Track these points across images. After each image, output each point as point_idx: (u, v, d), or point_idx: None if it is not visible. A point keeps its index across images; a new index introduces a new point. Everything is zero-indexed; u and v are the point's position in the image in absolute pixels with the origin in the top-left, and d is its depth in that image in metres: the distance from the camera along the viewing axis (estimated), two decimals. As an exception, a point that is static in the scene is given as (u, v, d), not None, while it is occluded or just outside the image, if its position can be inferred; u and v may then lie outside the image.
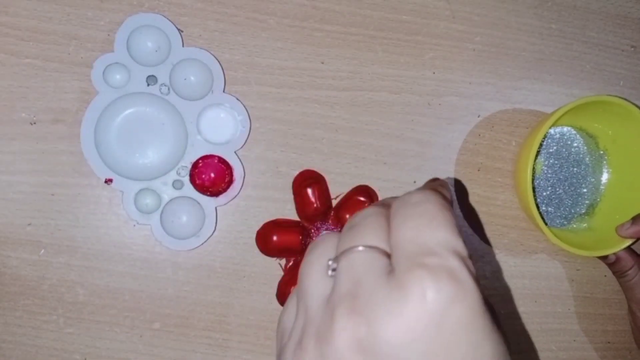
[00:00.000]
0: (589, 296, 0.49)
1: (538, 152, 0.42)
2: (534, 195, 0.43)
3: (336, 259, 0.20)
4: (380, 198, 0.45)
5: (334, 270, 0.19)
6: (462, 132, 0.47)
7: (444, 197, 0.20)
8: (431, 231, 0.18)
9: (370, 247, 0.19)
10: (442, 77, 0.46)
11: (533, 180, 0.43)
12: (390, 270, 0.18)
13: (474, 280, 0.17)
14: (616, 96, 0.42)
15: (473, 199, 0.47)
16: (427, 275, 0.17)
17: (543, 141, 0.46)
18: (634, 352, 0.49)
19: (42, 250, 0.42)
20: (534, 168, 0.41)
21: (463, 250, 0.18)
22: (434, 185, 0.23)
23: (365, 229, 0.20)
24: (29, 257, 0.42)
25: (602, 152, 0.47)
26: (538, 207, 0.42)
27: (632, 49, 0.49)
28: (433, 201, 0.20)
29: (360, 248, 0.19)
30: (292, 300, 0.22)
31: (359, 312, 0.17)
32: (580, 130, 0.47)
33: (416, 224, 0.19)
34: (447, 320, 0.17)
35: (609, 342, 0.49)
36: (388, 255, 0.19)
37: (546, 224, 0.42)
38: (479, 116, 0.47)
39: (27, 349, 0.42)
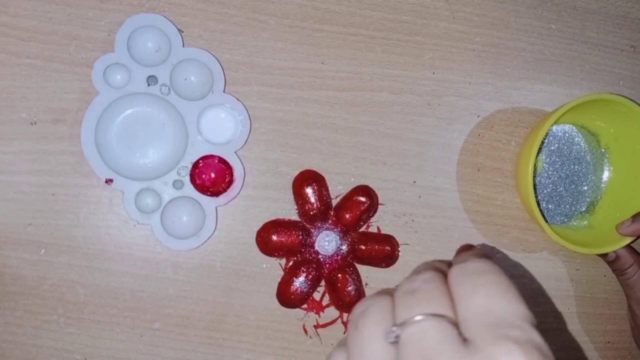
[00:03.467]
0: (589, 296, 0.49)
1: (539, 150, 0.43)
2: (535, 193, 0.43)
3: (401, 325, 0.19)
4: (380, 198, 0.45)
5: (396, 337, 0.18)
6: (462, 132, 0.47)
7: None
8: (507, 303, 0.18)
9: (439, 315, 0.18)
10: (442, 77, 0.47)
11: (534, 177, 0.43)
12: (464, 341, 0.18)
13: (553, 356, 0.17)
14: (619, 94, 0.42)
15: (473, 199, 0.47)
16: (516, 347, 0.16)
17: (545, 139, 0.46)
18: (634, 352, 0.49)
19: (43, 250, 0.42)
20: (535, 165, 0.41)
21: (536, 324, 0.18)
22: (479, 252, 0.22)
23: (430, 295, 0.19)
24: (30, 257, 0.42)
25: (603, 150, 0.47)
26: (539, 205, 0.42)
27: (632, 49, 0.49)
28: (498, 271, 0.19)
29: (427, 316, 0.18)
30: None
31: None
32: (581, 128, 0.48)
33: (489, 294, 0.18)
34: None
35: (609, 342, 0.49)
36: (456, 325, 0.18)
37: (547, 221, 0.42)
38: (478, 116, 0.47)
39: (28, 348, 0.42)
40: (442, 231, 0.46)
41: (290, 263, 0.44)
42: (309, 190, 0.43)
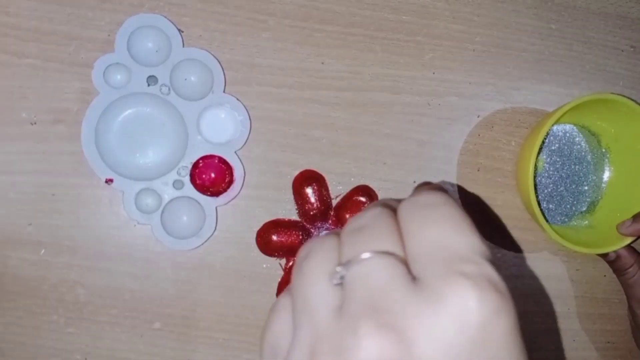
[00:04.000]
0: (589, 296, 0.49)
1: (540, 150, 0.43)
2: (535, 192, 0.43)
3: (346, 265, 0.17)
4: (380, 198, 0.45)
5: (341, 278, 0.17)
6: (462, 132, 0.47)
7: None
8: (460, 236, 0.17)
9: (386, 252, 0.17)
10: (442, 77, 0.47)
11: (535, 177, 0.43)
12: (413, 279, 0.16)
13: (509, 291, 0.16)
14: (620, 94, 0.42)
15: (472, 199, 0.47)
16: (469, 284, 0.15)
17: (545, 138, 0.46)
18: (634, 352, 0.49)
19: (43, 250, 0.42)
20: (535, 165, 0.41)
21: (492, 258, 0.17)
22: (435, 186, 0.21)
23: (377, 231, 0.18)
24: (30, 257, 0.42)
25: (604, 150, 0.47)
26: (539, 204, 0.42)
27: (632, 49, 0.49)
28: (451, 203, 0.18)
29: (373, 254, 0.17)
30: (282, 311, 0.19)
31: (388, 326, 0.15)
32: (582, 128, 0.47)
33: (440, 228, 0.17)
34: (492, 334, 0.15)
35: (609, 342, 0.49)
36: (405, 262, 0.17)
37: (547, 221, 0.42)
38: (478, 116, 0.47)
39: (28, 348, 0.42)
40: (442, 231, 0.46)
41: (290, 263, 0.44)
42: (309, 190, 0.43)
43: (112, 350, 0.43)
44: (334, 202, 0.45)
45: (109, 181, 0.42)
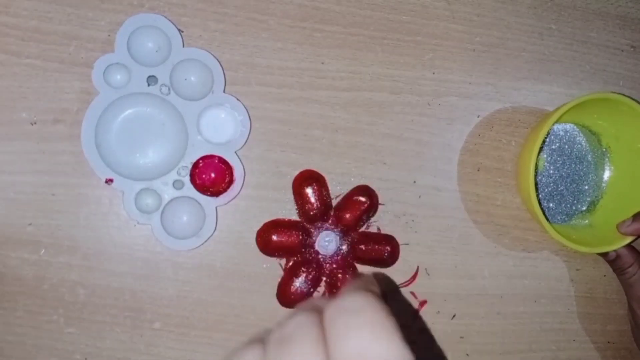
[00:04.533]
0: (589, 296, 0.49)
1: (540, 149, 0.43)
2: (536, 192, 0.43)
3: None
4: (380, 198, 0.45)
5: None
6: (462, 132, 0.47)
7: (379, 299, 0.19)
8: (379, 343, 0.17)
9: None
10: (442, 77, 0.47)
11: (535, 176, 0.43)
12: None
13: None
14: (620, 94, 0.42)
15: (473, 199, 0.47)
16: None
17: (546, 137, 0.46)
18: (634, 352, 0.49)
19: (43, 250, 0.42)
20: (536, 164, 0.41)
21: None
22: (362, 285, 0.21)
23: (300, 343, 0.18)
24: (30, 257, 0.42)
25: (604, 149, 0.47)
26: (540, 203, 0.42)
27: (632, 49, 0.49)
28: (373, 307, 0.18)
29: None
30: None
31: None
32: (583, 127, 0.48)
33: (361, 335, 0.17)
34: None
35: (609, 342, 0.49)
36: None
37: (547, 220, 0.42)
38: (478, 116, 0.47)
39: (28, 348, 0.42)
40: (442, 231, 0.46)
41: (290, 263, 0.44)
42: (309, 190, 0.43)
43: (112, 350, 0.43)
44: (334, 202, 0.45)
45: (109, 181, 0.42)
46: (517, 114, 0.48)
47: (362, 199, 0.44)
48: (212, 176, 0.43)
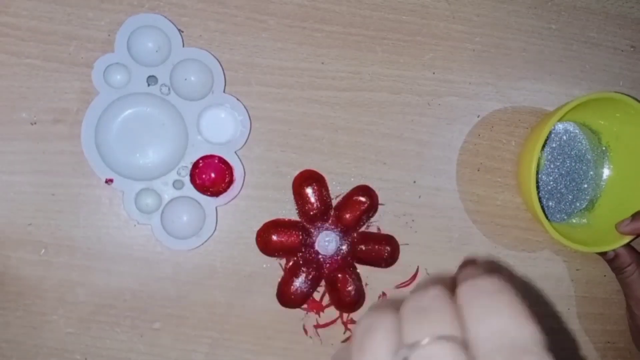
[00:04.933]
0: (588, 296, 0.49)
1: (542, 147, 0.43)
2: (537, 190, 0.43)
3: (410, 347, 0.18)
4: (380, 198, 0.45)
5: (405, 359, 0.18)
6: (462, 132, 0.47)
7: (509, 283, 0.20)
8: (521, 326, 0.18)
9: (449, 337, 0.18)
10: (442, 77, 0.46)
11: (536, 174, 0.43)
12: None
13: None
14: (622, 93, 0.42)
15: (473, 199, 0.47)
16: None
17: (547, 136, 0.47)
18: (633, 352, 0.49)
19: (43, 250, 0.42)
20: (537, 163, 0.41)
21: (549, 347, 0.18)
22: (488, 268, 0.22)
23: (440, 314, 0.19)
24: (30, 257, 0.42)
25: (604, 148, 0.47)
26: (540, 202, 0.42)
27: (632, 49, 0.49)
28: (511, 291, 0.19)
29: (438, 339, 0.18)
30: None
31: None
32: (583, 126, 0.48)
33: (501, 317, 0.18)
34: None
35: (608, 342, 0.49)
36: (465, 347, 0.18)
37: (547, 218, 0.42)
38: (478, 116, 0.47)
39: (28, 348, 0.42)
40: (442, 231, 0.46)
41: (290, 263, 0.44)
42: (309, 190, 0.43)
43: (112, 350, 0.43)
44: (334, 202, 0.45)
45: (109, 181, 0.42)
46: (517, 114, 0.48)
47: (362, 199, 0.44)
48: (212, 176, 0.43)
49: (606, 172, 0.48)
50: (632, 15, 0.50)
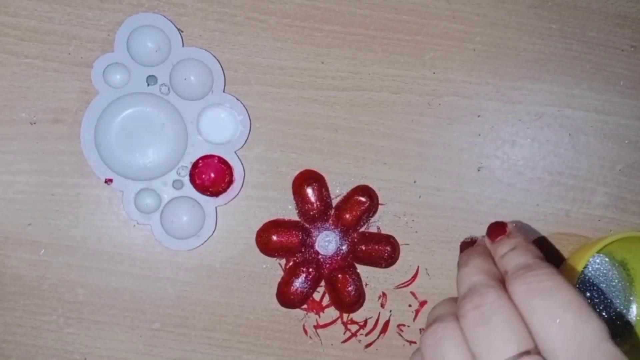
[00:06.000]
0: (589, 296, 0.49)
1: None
2: None
3: None
4: (380, 198, 0.45)
5: None
6: (462, 132, 0.47)
7: (558, 271, 0.19)
8: (585, 324, 0.18)
9: (529, 351, 0.18)
10: (442, 77, 0.46)
11: None
12: None
13: None
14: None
15: (473, 199, 0.47)
16: None
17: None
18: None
19: (42, 250, 0.42)
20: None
21: (610, 335, 0.18)
22: (529, 250, 0.22)
23: (507, 328, 0.19)
24: (29, 257, 0.42)
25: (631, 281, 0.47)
26: None
27: (632, 49, 0.49)
28: (565, 285, 0.19)
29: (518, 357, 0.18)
30: None
31: None
32: (612, 259, 0.47)
33: (567, 318, 0.18)
34: None
35: (609, 342, 0.49)
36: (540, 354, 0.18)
37: None
38: (479, 116, 0.47)
39: (27, 349, 0.42)
40: (442, 231, 0.46)
41: (290, 263, 0.44)
42: (309, 190, 0.43)
43: (112, 350, 0.43)
44: (334, 202, 0.45)
45: (108, 181, 0.42)
46: (517, 113, 0.48)
47: (362, 199, 0.44)
48: (211, 176, 0.43)
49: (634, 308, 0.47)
50: (632, 15, 0.50)
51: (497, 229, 0.25)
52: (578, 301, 0.18)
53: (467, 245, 0.28)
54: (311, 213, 0.43)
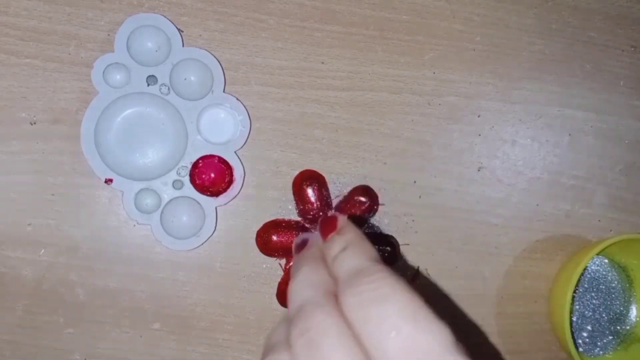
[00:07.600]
0: (589, 296, 0.49)
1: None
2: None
3: None
4: (380, 198, 0.45)
5: None
6: (462, 132, 0.47)
7: (392, 272, 0.17)
8: (424, 335, 0.16)
9: None
10: (442, 77, 0.46)
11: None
12: None
13: None
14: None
15: (473, 199, 0.47)
16: None
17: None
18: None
19: (42, 250, 0.42)
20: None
21: (456, 340, 0.16)
22: (362, 249, 0.19)
23: (332, 349, 0.16)
24: (29, 257, 0.42)
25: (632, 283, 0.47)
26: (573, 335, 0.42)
27: (632, 49, 0.49)
28: (397, 289, 0.16)
29: None
30: None
31: None
32: (612, 261, 0.48)
33: (400, 329, 0.16)
34: None
35: (609, 342, 0.49)
36: None
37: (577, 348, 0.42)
38: (479, 116, 0.47)
39: (28, 349, 0.42)
40: (442, 231, 0.46)
41: (291, 263, 0.44)
42: (309, 190, 0.43)
43: (112, 350, 0.43)
44: (334, 202, 0.45)
45: (108, 181, 0.42)
46: (517, 113, 0.48)
47: (362, 199, 0.44)
48: (211, 176, 0.43)
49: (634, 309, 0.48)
50: (632, 15, 0.50)
51: (327, 225, 0.22)
52: (414, 306, 0.16)
53: (301, 246, 0.23)
54: (311, 213, 0.43)
